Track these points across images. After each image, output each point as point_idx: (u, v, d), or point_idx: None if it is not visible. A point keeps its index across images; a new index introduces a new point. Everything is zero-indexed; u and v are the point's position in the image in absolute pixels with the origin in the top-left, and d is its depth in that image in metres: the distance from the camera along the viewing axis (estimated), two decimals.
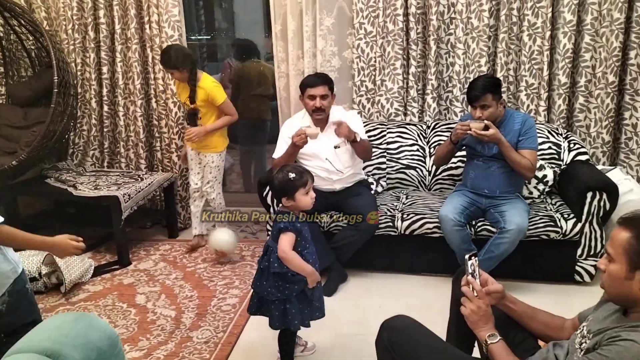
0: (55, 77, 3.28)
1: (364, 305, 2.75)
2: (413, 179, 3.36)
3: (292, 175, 2.03)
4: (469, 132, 2.67)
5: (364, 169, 3.26)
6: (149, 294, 2.91)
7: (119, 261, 3.27)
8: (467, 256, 1.59)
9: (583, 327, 1.45)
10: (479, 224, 2.85)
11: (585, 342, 1.36)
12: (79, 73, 3.78)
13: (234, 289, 2.95)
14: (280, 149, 3.02)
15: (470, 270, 1.57)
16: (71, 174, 3.64)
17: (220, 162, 3.39)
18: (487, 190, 2.86)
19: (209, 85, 3.19)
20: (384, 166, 3.37)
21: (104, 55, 3.71)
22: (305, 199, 2.06)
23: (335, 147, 3.01)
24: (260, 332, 2.50)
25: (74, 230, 3.56)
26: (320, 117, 2.93)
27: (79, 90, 3.80)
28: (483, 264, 2.72)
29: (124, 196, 3.23)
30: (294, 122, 3.05)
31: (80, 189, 3.31)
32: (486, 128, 2.64)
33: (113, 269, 3.22)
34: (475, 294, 1.53)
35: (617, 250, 1.31)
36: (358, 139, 2.89)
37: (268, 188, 3.03)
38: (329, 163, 3.01)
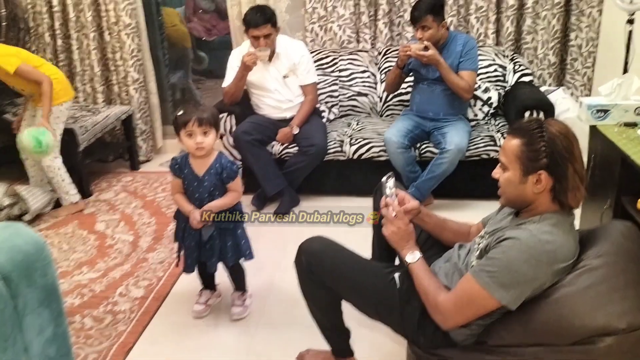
0: (3, 10, 3.23)
1: (313, 225, 2.89)
2: (364, 106, 3.44)
3: (179, 112, 1.92)
4: (408, 52, 2.74)
5: (317, 96, 3.33)
6: (109, 222, 3.04)
7: (80, 192, 3.36)
8: (384, 178, 1.61)
9: (483, 230, 1.59)
10: (423, 147, 2.96)
11: (482, 242, 1.50)
12: (29, 6, 3.71)
13: None
14: (229, 78, 3.06)
15: (388, 192, 1.59)
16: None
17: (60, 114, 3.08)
18: (432, 113, 2.95)
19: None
20: (336, 94, 3.44)
21: None
22: (187, 141, 1.90)
23: (285, 77, 3.06)
24: None
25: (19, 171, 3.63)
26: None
27: (32, 24, 3.75)
28: (425, 183, 2.87)
29: (80, 129, 3.28)
30: (242, 50, 3.08)
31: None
32: (426, 49, 2.71)
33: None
34: (394, 215, 1.55)
35: (510, 158, 1.40)
36: (296, 132, 3.02)
37: (221, 117, 3.10)
38: (278, 93, 3.07)
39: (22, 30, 3.52)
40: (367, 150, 3.01)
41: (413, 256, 1.54)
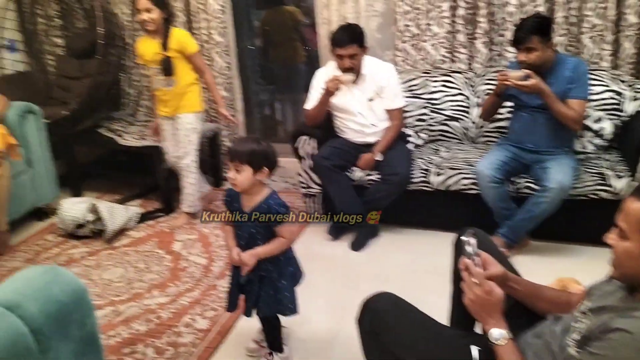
0: (100, 29, 3.36)
1: (390, 261, 2.68)
2: (456, 131, 3.17)
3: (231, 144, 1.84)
4: (506, 82, 2.45)
5: (404, 120, 3.11)
6: (186, 242, 3.02)
7: (163, 209, 3.40)
8: (464, 235, 1.38)
9: (586, 303, 1.30)
10: (521, 181, 2.65)
11: (583, 323, 1.22)
12: (127, 24, 3.85)
13: None
14: (312, 99, 2.94)
15: (468, 253, 1.35)
16: (122, 123, 3.79)
17: (197, 124, 3.10)
18: (532, 144, 2.63)
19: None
20: (425, 117, 3.20)
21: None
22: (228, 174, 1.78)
23: (370, 100, 2.89)
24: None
25: (123, 178, 3.76)
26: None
27: (129, 41, 3.88)
28: (520, 223, 2.56)
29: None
30: (326, 71, 2.95)
31: (126, 139, 3.44)
32: (527, 78, 2.40)
33: (158, 216, 3.35)
34: (476, 281, 1.30)
35: (633, 227, 1.11)
36: (378, 159, 2.84)
37: (301, 140, 2.99)
38: (362, 117, 2.90)
39: (118, 47, 3.64)
40: (456, 181, 2.75)
41: (499, 334, 1.27)
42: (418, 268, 2.58)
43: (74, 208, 3.08)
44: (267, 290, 1.86)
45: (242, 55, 3.95)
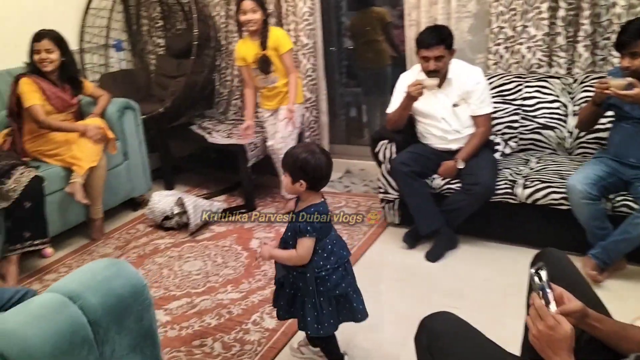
0: (195, 31, 3.51)
1: (467, 276, 2.55)
2: (550, 141, 2.95)
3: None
4: (606, 91, 2.24)
5: (492, 127, 2.96)
6: (263, 240, 3.07)
7: (245, 205, 3.49)
8: (533, 268, 1.23)
9: None
10: (619, 199, 2.41)
11: None
12: (222, 26, 3.99)
13: None
14: (394, 103, 2.88)
15: (536, 285, 1.21)
16: (213, 121, 3.94)
17: (299, 115, 3.30)
18: (634, 158, 2.39)
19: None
20: (516, 125, 3.01)
21: None
22: None
23: (454, 106, 2.77)
24: None
25: (212, 174, 3.91)
26: (436, 77, 2.70)
27: (224, 42, 4.02)
28: (616, 245, 2.33)
29: (249, 145, 3.40)
30: (410, 75, 2.87)
31: (214, 137, 3.57)
32: (630, 87, 2.18)
33: (239, 213, 3.44)
34: (546, 316, 1.16)
35: None
36: (461, 167, 2.71)
37: (381, 144, 2.94)
38: (445, 122, 2.79)
39: (213, 49, 3.78)
40: (545, 195, 2.55)
41: None
42: (496, 286, 2.43)
43: (162, 201, 3.25)
44: (298, 309, 1.85)
45: (328, 57, 3.96)
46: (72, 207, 3.08)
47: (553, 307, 1.18)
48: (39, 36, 3.00)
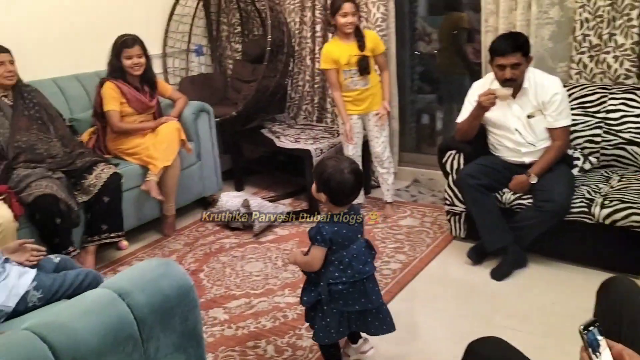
0: (269, 37, 3.58)
1: (534, 297, 2.41)
2: (635, 158, 2.73)
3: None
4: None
5: (571, 140, 2.79)
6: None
7: (309, 210, 3.51)
8: (582, 325, 1.07)
9: None
10: None
11: None
12: (297, 32, 4.05)
13: (401, 254, 2.90)
14: (464, 112, 2.79)
15: (588, 344, 1.07)
16: (282, 126, 4.00)
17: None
18: None
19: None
20: (598, 139, 2.81)
21: (317, 14, 3.89)
22: None
23: (529, 117, 2.63)
24: (409, 304, 2.44)
25: (280, 177, 3.97)
26: (511, 86, 2.59)
27: (297, 47, 4.08)
28: None
29: (315, 150, 3.42)
30: (483, 84, 2.76)
31: (282, 141, 3.63)
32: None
33: (303, 217, 3.47)
34: None
35: None
36: (533, 181, 2.58)
37: (449, 154, 2.85)
38: (519, 134, 2.66)
39: (286, 54, 3.84)
40: (625, 217, 2.37)
41: None
42: (565, 310, 2.28)
43: (230, 201, 3.34)
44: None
45: (401, 62, 3.90)
46: (147, 203, 3.23)
47: None
48: (132, 42, 3.19)
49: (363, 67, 3.12)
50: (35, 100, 2.99)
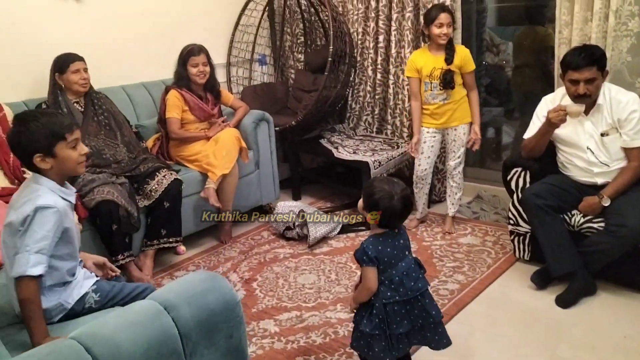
0: (331, 47, 3.57)
1: (603, 329, 2.24)
2: None
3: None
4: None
5: None
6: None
7: (365, 223, 3.45)
8: None
9: None
10: None
11: None
12: (359, 42, 4.01)
13: (460, 274, 2.78)
14: (532, 128, 2.65)
15: None
16: (341, 136, 3.97)
17: (467, 134, 3.20)
18: None
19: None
20: None
21: (381, 24, 3.84)
22: None
23: (603, 135, 2.46)
24: (466, 327, 2.32)
25: (337, 188, 3.94)
26: (583, 103, 2.43)
27: (359, 58, 4.05)
28: None
29: (374, 162, 3.36)
30: (553, 99, 2.61)
31: (340, 152, 3.59)
32: None
33: (359, 230, 3.41)
34: None
35: None
36: (606, 204, 2.42)
37: (514, 172, 2.72)
38: (591, 153, 2.49)
39: (347, 65, 3.81)
40: None
41: None
42: (637, 345, 2.10)
43: (286, 211, 3.33)
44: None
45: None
46: (205, 210, 3.28)
47: None
48: (198, 50, 3.28)
49: (446, 82, 3.04)
50: (105, 106, 3.11)
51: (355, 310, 1.91)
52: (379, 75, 3.96)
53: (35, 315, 1.59)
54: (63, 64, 2.94)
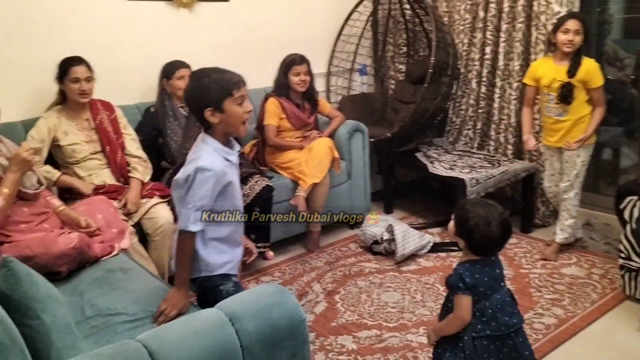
0: (432, 58, 3.45)
1: None
2: None
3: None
4: None
5: None
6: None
7: (457, 244, 3.27)
8: None
9: None
10: None
11: None
12: (464, 53, 3.85)
13: (559, 308, 2.54)
14: None
15: None
16: (438, 150, 3.82)
17: (585, 157, 2.94)
18: None
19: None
20: None
21: (489, 35, 3.66)
22: None
23: None
24: None
25: (432, 204, 3.80)
26: None
27: (462, 70, 3.88)
28: None
29: (471, 180, 3.19)
30: None
31: (436, 167, 3.45)
32: None
33: (451, 250, 3.25)
34: None
35: None
36: None
37: (629, 200, 2.44)
38: None
39: (450, 77, 3.67)
40: None
41: None
42: None
43: (374, 224, 3.26)
44: None
45: None
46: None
47: None
48: (300, 60, 3.34)
49: (563, 95, 2.81)
50: None
51: (435, 343, 1.79)
52: (483, 88, 3.77)
53: (184, 265, 1.75)
54: (170, 70, 3.10)
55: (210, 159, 1.72)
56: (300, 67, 3.34)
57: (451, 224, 1.72)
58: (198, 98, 1.72)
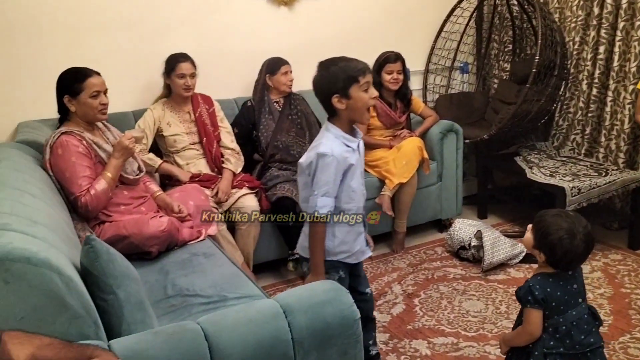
0: (537, 57, 3.25)
1: None
2: None
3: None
4: None
5: None
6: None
7: None
8: None
9: None
10: None
11: None
12: (575, 52, 3.59)
13: None
14: None
15: None
16: (540, 155, 3.60)
17: None
18: None
19: None
20: None
21: (603, 33, 3.37)
22: None
23: None
24: None
25: (529, 212, 3.60)
26: None
27: (572, 70, 3.62)
28: None
29: (571, 189, 2.97)
30: None
31: (534, 172, 3.26)
32: None
33: None
34: None
35: None
36: None
37: None
38: None
39: (557, 77, 3.43)
40: None
41: None
42: None
43: (463, 229, 3.15)
44: None
45: None
46: (380, 216, 3.27)
47: None
48: (394, 58, 3.30)
49: None
50: (300, 107, 3.31)
51: (506, 355, 1.71)
52: (594, 91, 3.48)
53: (317, 248, 1.79)
54: (274, 66, 3.20)
55: (329, 145, 1.76)
56: (394, 65, 3.30)
57: (528, 236, 1.63)
58: (326, 85, 1.77)
